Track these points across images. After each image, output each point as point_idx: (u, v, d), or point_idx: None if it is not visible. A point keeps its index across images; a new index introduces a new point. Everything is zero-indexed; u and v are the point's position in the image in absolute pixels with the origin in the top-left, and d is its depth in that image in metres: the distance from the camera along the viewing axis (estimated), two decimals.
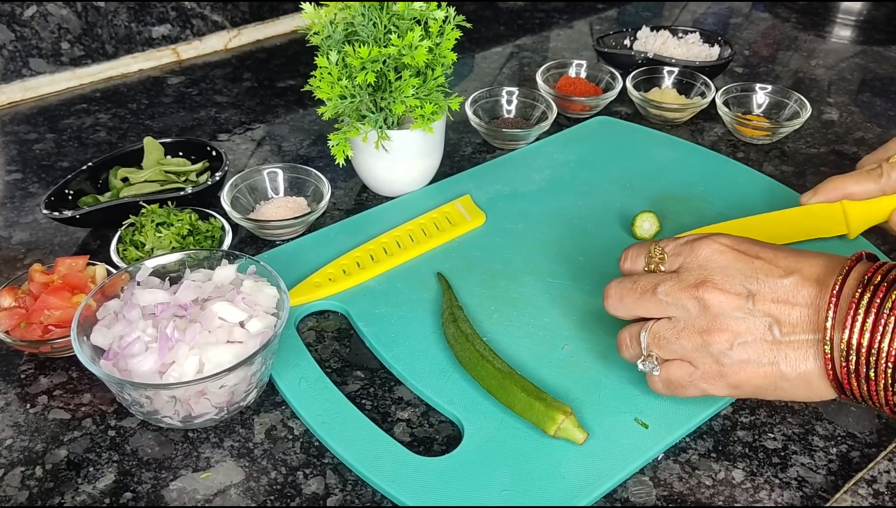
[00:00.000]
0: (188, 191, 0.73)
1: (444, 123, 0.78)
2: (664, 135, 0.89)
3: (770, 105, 0.92)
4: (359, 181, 0.82)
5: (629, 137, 0.89)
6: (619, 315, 0.54)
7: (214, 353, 0.53)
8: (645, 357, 0.53)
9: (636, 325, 0.54)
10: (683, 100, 0.94)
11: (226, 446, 0.55)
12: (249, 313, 0.56)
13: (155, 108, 0.96)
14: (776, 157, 0.88)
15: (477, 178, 0.81)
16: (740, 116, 0.89)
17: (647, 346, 0.52)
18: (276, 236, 0.74)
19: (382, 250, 0.70)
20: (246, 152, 0.88)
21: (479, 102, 0.90)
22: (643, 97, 0.92)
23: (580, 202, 0.78)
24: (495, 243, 0.72)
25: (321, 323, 0.65)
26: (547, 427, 0.54)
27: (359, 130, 0.72)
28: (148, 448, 0.55)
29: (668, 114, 0.92)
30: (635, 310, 0.53)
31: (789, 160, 0.87)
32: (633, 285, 0.53)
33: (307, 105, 0.97)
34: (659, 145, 0.87)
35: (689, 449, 0.55)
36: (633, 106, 0.97)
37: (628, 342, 0.54)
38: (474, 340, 0.60)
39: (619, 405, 0.57)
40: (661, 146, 0.87)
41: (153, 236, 0.67)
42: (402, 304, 0.66)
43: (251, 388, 0.56)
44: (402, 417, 0.57)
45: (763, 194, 0.79)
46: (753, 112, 0.93)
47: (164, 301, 0.56)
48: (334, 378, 0.60)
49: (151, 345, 0.53)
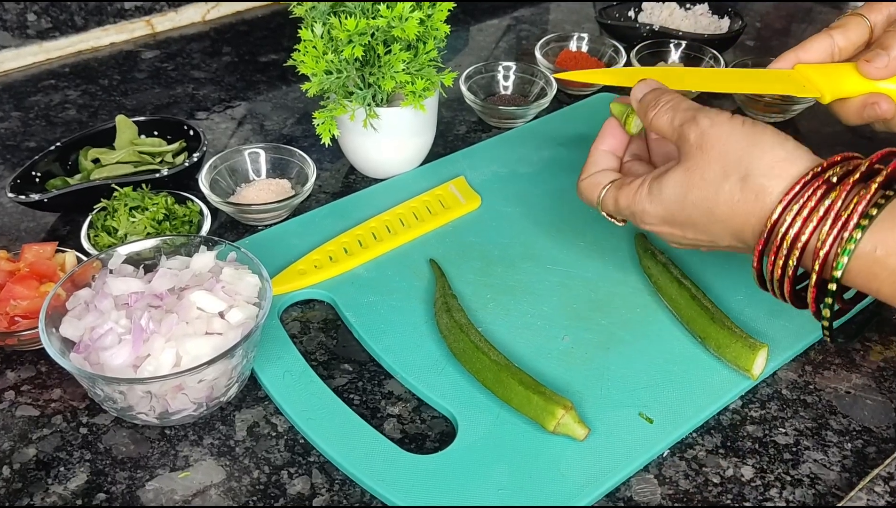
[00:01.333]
0: (164, 173, 0.73)
1: (437, 100, 0.78)
2: None
3: None
4: (346, 162, 0.82)
5: None
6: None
7: (192, 345, 0.53)
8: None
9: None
10: None
11: (205, 444, 0.55)
12: (229, 303, 0.56)
13: (128, 84, 0.95)
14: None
15: (472, 158, 0.81)
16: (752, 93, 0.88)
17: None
18: (258, 221, 0.74)
19: (371, 235, 0.70)
20: (226, 132, 0.88)
21: (474, 78, 0.90)
22: None
23: None
24: (491, 227, 0.72)
25: (306, 313, 0.65)
26: (546, 423, 0.54)
27: (346, 108, 0.72)
28: (122, 446, 0.55)
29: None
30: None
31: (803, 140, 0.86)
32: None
33: (291, 81, 0.96)
34: None
35: (696, 445, 0.55)
36: None
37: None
38: (469, 330, 0.60)
39: (622, 399, 0.57)
40: None
41: (126, 221, 0.67)
42: (392, 292, 0.65)
43: (232, 382, 0.56)
44: (393, 412, 0.57)
45: None
46: None
47: (139, 290, 0.56)
48: (320, 372, 0.60)
49: (125, 337, 0.53)
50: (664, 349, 0.60)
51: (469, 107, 0.90)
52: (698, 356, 0.60)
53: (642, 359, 0.60)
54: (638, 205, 0.56)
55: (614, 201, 0.59)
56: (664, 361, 0.59)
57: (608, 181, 0.60)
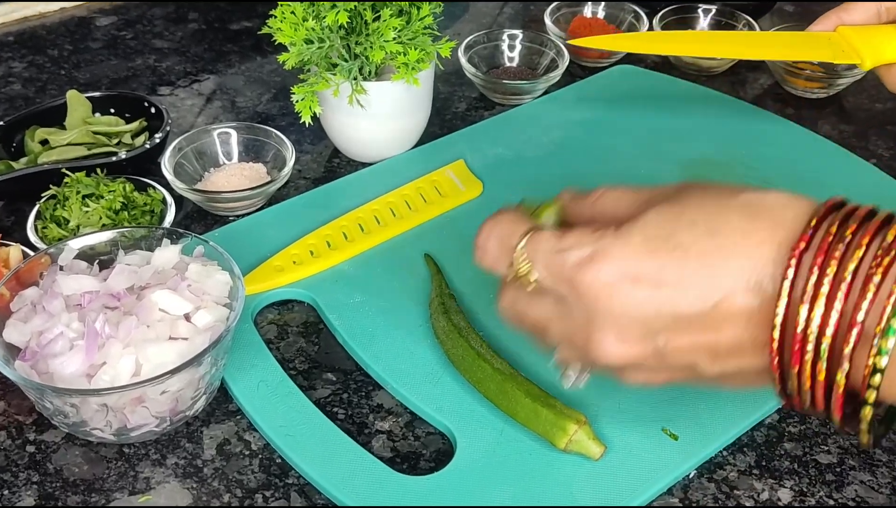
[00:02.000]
0: (122, 156, 0.73)
1: (433, 73, 0.78)
2: (699, 87, 0.89)
3: None
4: (329, 144, 0.82)
5: (656, 89, 0.89)
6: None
7: (154, 352, 0.52)
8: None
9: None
10: None
11: (169, 464, 0.55)
12: (196, 304, 0.56)
13: (81, 55, 0.95)
14: (833, 113, 0.88)
15: (472, 140, 0.81)
16: (790, 64, 0.88)
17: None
18: (230, 211, 0.74)
19: (358, 226, 0.70)
20: (192, 109, 0.87)
21: (475, 48, 0.90)
22: None
23: (597, 169, 0.78)
24: None
25: (284, 315, 0.65)
26: (556, 440, 0.54)
27: (329, 82, 0.72)
28: (75, 466, 0.55)
29: (704, 62, 0.92)
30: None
31: (849, 118, 0.87)
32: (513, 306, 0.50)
33: (266, 52, 0.96)
34: (692, 100, 0.87)
35: (727, 465, 0.56)
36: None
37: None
38: (469, 335, 0.60)
39: (643, 413, 0.57)
40: (694, 101, 0.87)
41: (79, 210, 0.67)
42: (381, 292, 0.65)
43: (199, 394, 0.56)
44: (383, 428, 0.57)
45: (817, 158, 0.78)
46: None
47: (93, 290, 0.56)
48: (300, 382, 0.60)
49: (77, 342, 0.53)
50: None
51: (469, 81, 0.90)
52: None
53: None
54: (597, 242, 0.45)
55: (550, 244, 0.46)
56: None
57: (527, 228, 0.48)
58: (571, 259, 0.45)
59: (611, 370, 0.47)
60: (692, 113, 0.85)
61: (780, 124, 0.83)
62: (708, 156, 0.79)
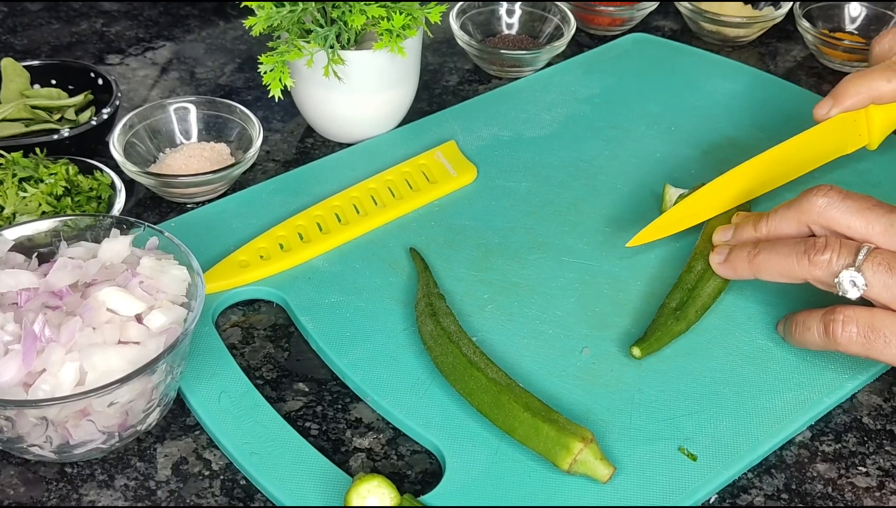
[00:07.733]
0: (64, 134, 0.73)
1: (421, 41, 0.78)
2: (723, 59, 0.89)
3: (867, 19, 0.92)
4: (302, 122, 0.82)
5: (674, 61, 0.89)
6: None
7: (101, 358, 0.52)
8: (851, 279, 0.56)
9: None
10: (750, 11, 0.94)
11: (117, 485, 0.55)
12: (149, 304, 0.56)
13: (17, 17, 0.95)
14: None
15: (465, 117, 0.81)
16: (827, 34, 0.89)
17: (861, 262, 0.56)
18: (188, 197, 0.74)
19: (335, 216, 0.70)
20: (145, 81, 0.87)
21: (468, 14, 0.90)
22: (695, 7, 0.92)
23: (607, 151, 0.78)
24: (490, 207, 0.72)
25: (249, 317, 0.65)
26: (559, 459, 0.54)
27: (302, 51, 0.72)
28: (10, 488, 0.55)
29: (729, 30, 0.92)
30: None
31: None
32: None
33: (230, 16, 0.96)
34: (715, 73, 0.87)
35: (752, 489, 0.56)
36: (680, 19, 0.97)
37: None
38: (460, 340, 0.60)
39: (657, 430, 0.57)
40: (717, 75, 0.87)
41: (15, 196, 0.67)
42: (361, 291, 0.65)
43: (152, 406, 0.56)
44: (362, 445, 0.58)
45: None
46: (845, 29, 0.93)
47: (31, 286, 0.56)
48: (268, 393, 0.60)
49: (13, 347, 0.52)
50: (712, 365, 0.61)
51: (462, 51, 0.90)
52: (754, 376, 0.60)
53: (683, 378, 0.60)
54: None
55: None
56: (711, 381, 0.60)
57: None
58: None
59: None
60: (715, 89, 0.85)
61: (814, 101, 0.83)
62: (732, 137, 0.79)
